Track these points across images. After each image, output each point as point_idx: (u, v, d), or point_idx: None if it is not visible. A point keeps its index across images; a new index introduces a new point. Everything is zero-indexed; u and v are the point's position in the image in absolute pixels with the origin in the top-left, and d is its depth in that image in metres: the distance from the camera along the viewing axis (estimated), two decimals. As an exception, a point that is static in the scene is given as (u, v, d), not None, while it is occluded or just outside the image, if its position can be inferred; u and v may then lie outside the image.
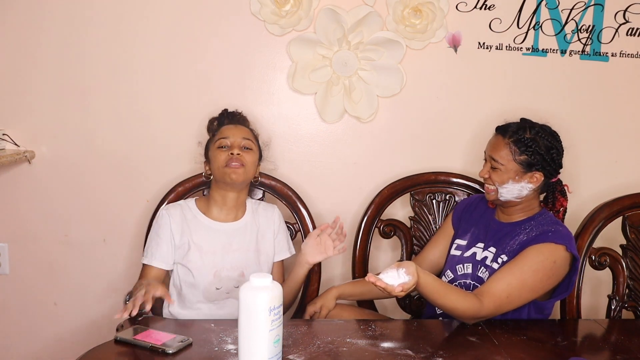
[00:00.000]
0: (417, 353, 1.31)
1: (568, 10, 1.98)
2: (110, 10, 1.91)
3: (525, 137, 1.56)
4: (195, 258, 1.62)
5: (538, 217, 1.60)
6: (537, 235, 1.53)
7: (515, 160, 1.56)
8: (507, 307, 1.48)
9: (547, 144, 1.57)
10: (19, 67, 1.92)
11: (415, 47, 1.96)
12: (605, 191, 2.02)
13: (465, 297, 1.44)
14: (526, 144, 1.55)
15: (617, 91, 2.05)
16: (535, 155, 1.56)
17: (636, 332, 1.52)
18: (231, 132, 1.68)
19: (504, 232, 1.62)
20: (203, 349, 1.31)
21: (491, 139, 1.64)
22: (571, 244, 1.52)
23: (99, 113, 1.95)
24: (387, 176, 2.00)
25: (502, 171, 1.57)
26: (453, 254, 1.70)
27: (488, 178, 1.61)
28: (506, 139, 1.58)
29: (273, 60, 1.97)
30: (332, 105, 1.98)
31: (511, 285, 1.46)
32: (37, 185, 1.97)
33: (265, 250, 1.71)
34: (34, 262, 2.01)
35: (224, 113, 1.78)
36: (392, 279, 1.34)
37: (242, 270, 1.65)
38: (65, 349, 2.00)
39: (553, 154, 1.58)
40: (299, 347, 1.33)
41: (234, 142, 1.66)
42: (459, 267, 1.66)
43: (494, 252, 1.60)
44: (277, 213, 1.77)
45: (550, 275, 1.50)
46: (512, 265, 1.50)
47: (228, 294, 1.65)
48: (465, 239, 1.70)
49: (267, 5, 1.90)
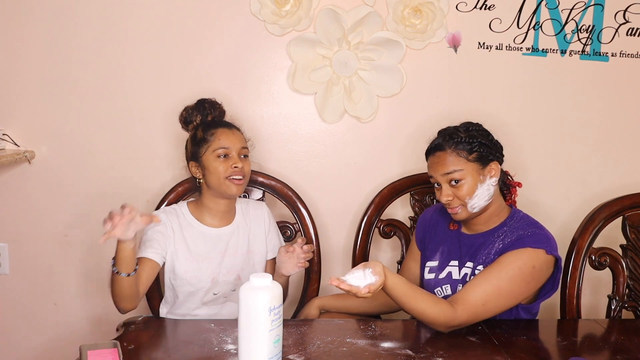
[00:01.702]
0: (417, 353, 1.31)
1: (568, 10, 1.98)
2: (111, 11, 1.91)
3: (463, 137, 1.50)
4: (193, 267, 1.59)
5: (510, 222, 1.54)
6: (513, 241, 1.47)
7: (469, 161, 1.49)
8: (484, 315, 1.41)
9: (481, 131, 1.53)
10: (19, 67, 1.92)
11: (415, 47, 1.96)
12: (605, 191, 2.02)
13: (437, 303, 1.38)
14: (468, 141, 1.49)
15: (617, 91, 2.05)
16: (482, 147, 1.50)
17: (636, 332, 1.52)
18: (229, 140, 1.60)
19: (477, 244, 1.54)
20: (203, 349, 1.31)
21: (431, 161, 1.55)
22: (550, 246, 1.45)
23: (99, 113, 1.95)
24: (387, 176, 2.00)
25: (465, 181, 1.48)
26: (428, 278, 1.61)
27: (452, 200, 1.51)
28: (448, 150, 1.50)
29: (273, 60, 1.97)
30: (332, 105, 1.98)
31: (487, 292, 1.40)
32: (37, 185, 1.97)
33: (258, 250, 1.69)
34: (34, 262, 2.01)
35: (204, 106, 1.67)
36: (357, 280, 1.29)
37: (238, 274, 1.64)
38: (65, 349, 2.00)
39: (491, 137, 1.54)
40: (299, 347, 1.33)
41: (234, 151, 1.59)
42: (437, 290, 1.57)
43: (471, 267, 1.52)
44: (266, 211, 1.75)
45: (530, 280, 1.44)
46: (488, 271, 1.43)
47: (226, 298, 1.65)
48: (436, 259, 1.62)
49: (267, 5, 1.90)
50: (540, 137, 2.04)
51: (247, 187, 1.89)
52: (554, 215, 2.05)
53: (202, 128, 1.63)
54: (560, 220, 2.05)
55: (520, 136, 2.03)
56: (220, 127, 1.62)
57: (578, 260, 1.72)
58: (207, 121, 1.65)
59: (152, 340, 1.40)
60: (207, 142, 1.60)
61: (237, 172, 1.57)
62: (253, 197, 1.89)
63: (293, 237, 1.89)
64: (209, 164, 1.59)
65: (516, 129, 2.02)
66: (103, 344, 1.25)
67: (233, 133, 1.62)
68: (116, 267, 1.42)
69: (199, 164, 1.62)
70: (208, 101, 1.69)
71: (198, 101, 1.69)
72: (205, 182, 1.62)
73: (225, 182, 1.57)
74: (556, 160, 2.05)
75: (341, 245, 2.05)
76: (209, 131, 1.61)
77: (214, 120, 1.66)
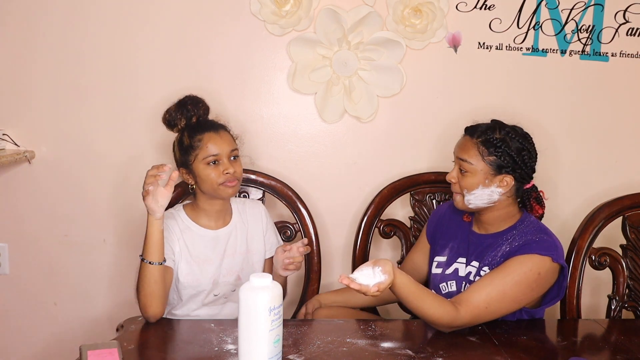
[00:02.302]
0: (417, 353, 1.31)
1: (568, 10, 1.98)
2: (111, 11, 1.91)
3: (495, 137, 1.49)
4: (195, 270, 1.58)
5: (520, 226, 1.54)
6: (520, 246, 1.47)
7: (484, 160, 1.49)
8: (487, 317, 1.42)
9: (518, 145, 1.50)
10: (19, 67, 1.92)
11: (415, 47, 1.96)
12: (605, 191, 2.02)
13: (442, 303, 1.38)
14: (495, 144, 1.48)
15: (617, 91, 2.04)
16: (504, 157, 1.48)
17: (636, 332, 1.52)
18: (217, 145, 1.54)
19: (485, 244, 1.55)
20: (203, 349, 1.31)
21: (460, 140, 1.56)
22: (557, 254, 1.45)
23: (99, 113, 1.95)
24: (387, 176, 2.00)
25: (471, 173, 1.49)
26: (435, 272, 1.63)
27: (455, 183, 1.53)
28: (474, 139, 1.51)
29: (273, 60, 1.97)
30: (332, 105, 1.98)
31: (491, 295, 1.40)
32: (37, 185, 1.97)
33: (257, 250, 1.68)
34: (34, 262, 2.01)
35: (187, 107, 1.58)
36: (367, 278, 1.29)
37: (237, 274, 1.63)
38: (65, 349, 2.00)
39: (524, 156, 1.50)
40: (299, 347, 1.33)
41: (224, 155, 1.55)
42: (443, 285, 1.59)
43: (477, 267, 1.54)
44: (263, 210, 1.73)
45: (534, 287, 1.44)
46: (493, 275, 1.44)
47: (226, 298, 1.64)
48: (444, 255, 1.63)
49: (267, 5, 1.90)
50: (540, 137, 2.02)
51: (247, 187, 1.89)
52: (554, 215, 2.05)
53: (188, 133, 1.57)
54: (560, 220, 2.05)
55: (520, 136, 2.03)
56: (206, 132, 1.55)
57: (578, 260, 1.72)
58: (192, 124, 1.59)
59: (152, 340, 1.40)
60: (195, 150, 1.54)
61: (230, 178, 1.54)
62: (253, 197, 1.89)
63: (293, 237, 1.89)
64: (199, 171, 1.55)
65: (516, 129, 2.02)
66: (103, 344, 1.25)
67: (221, 137, 1.56)
68: (146, 257, 1.42)
69: (189, 170, 1.58)
70: (190, 100, 1.61)
71: (179, 101, 1.61)
72: (198, 188, 1.59)
73: (219, 188, 1.55)
74: (556, 160, 2.05)
75: (341, 245, 2.05)
76: (195, 137, 1.55)
77: (199, 123, 1.59)
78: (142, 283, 1.43)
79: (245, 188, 1.89)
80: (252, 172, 1.89)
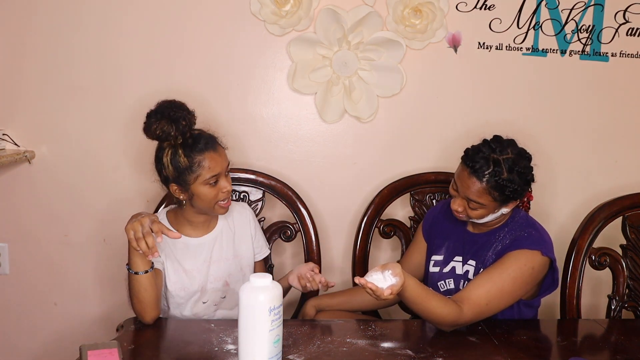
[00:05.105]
0: (417, 353, 1.31)
1: (568, 10, 1.98)
2: (110, 11, 1.91)
3: (503, 179, 1.47)
4: (182, 279, 1.56)
5: (511, 222, 1.59)
6: (511, 243, 1.52)
7: (495, 200, 1.50)
8: (487, 313, 1.46)
9: (524, 172, 1.51)
10: (19, 67, 1.92)
11: (415, 47, 1.96)
12: (605, 191, 2.02)
13: (446, 303, 1.40)
14: (503, 184, 1.48)
15: (617, 91, 2.04)
16: (514, 193, 1.50)
17: (636, 332, 1.52)
18: (217, 164, 1.49)
19: (479, 243, 1.59)
20: (203, 349, 1.31)
21: (462, 175, 1.52)
22: (546, 247, 1.50)
23: (99, 113, 1.95)
24: (387, 176, 2.00)
25: (480, 207, 1.51)
26: (432, 271, 1.66)
27: (462, 211, 1.54)
28: (483, 183, 1.48)
29: (273, 60, 1.97)
30: (332, 105, 1.98)
31: (490, 292, 1.44)
32: (37, 185, 1.97)
33: (245, 254, 1.66)
34: (34, 262, 2.01)
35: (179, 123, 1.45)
36: (378, 282, 1.29)
37: (225, 280, 1.62)
38: (65, 349, 2.00)
39: (529, 180, 1.53)
40: (299, 347, 1.33)
41: (222, 173, 1.51)
42: (441, 284, 1.63)
43: (474, 265, 1.58)
44: (250, 212, 1.72)
45: (530, 281, 1.49)
46: (491, 272, 1.48)
47: (216, 305, 1.63)
48: (441, 253, 1.66)
49: (267, 5, 1.90)
50: (540, 137, 2.04)
51: (247, 187, 1.89)
52: (554, 215, 2.05)
53: (185, 152, 1.47)
54: (560, 220, 2.05)
55: (520, 136, 2.02)
56: (206, 152, 1.48)
57: (578, 260, 1.72)
58: (189, 143, 1.47)
59: (152, 340, 1.40)
60: (195, 172, 1.47)
61: (226, 196, 1.52)
62: (253, 197, 1.89)
63: (293, 237, 1.89)
64: (198, 192, 1.49)
65: (516, 129, 2.01)
66: (103, 344, 1.25)
67: (219, 155, 1.51)
68: (132, 267, 1.41)
69: (184, 189, 1.51)
70: (174, 111, 1.46)
71: (164, 115, 1.46)
72: (190, 204, 1.54)
73: (215, 206, 1.52)
74: (556, 160, 2.05)
75: (341, 245, 2.05)
76: (195, 158, 1.47)
77: (194, 139, 1.48)
78: (133, 292, 1.44)
79: (245, 188, 1.89)
80: (252, 172, 1.89)
